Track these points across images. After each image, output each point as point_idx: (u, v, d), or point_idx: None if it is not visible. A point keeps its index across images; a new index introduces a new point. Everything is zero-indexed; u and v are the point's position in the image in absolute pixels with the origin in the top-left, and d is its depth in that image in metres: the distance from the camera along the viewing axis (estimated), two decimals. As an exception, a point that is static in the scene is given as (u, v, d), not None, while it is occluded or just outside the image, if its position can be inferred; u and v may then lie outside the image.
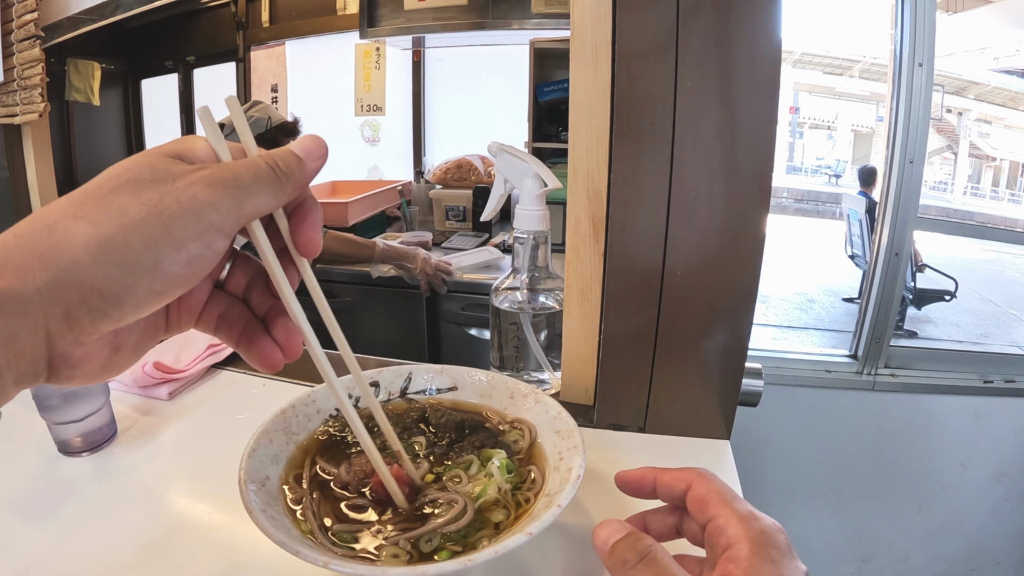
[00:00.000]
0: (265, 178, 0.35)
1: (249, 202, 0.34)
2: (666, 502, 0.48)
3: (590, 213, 0.75)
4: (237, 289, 0.41)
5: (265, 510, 0.47)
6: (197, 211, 0.32)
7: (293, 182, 0.36)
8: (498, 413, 0.63)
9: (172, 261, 0.31)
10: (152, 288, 0.32)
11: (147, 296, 0.32)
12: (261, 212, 0.35)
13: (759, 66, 0.65)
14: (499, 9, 2.38)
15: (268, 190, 0.35)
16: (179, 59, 3.32)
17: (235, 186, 0.33)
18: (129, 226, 0.30)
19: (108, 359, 0.35)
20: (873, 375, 2.19)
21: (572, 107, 0.73)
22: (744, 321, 0.73)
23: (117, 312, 0.31)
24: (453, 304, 2.16)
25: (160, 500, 0.67)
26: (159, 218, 0.31)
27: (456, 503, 0.49)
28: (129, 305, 0.31)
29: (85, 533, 0.61)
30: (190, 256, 0.32)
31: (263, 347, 0.40)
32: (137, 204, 0.31)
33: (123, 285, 0.31)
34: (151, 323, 0.37)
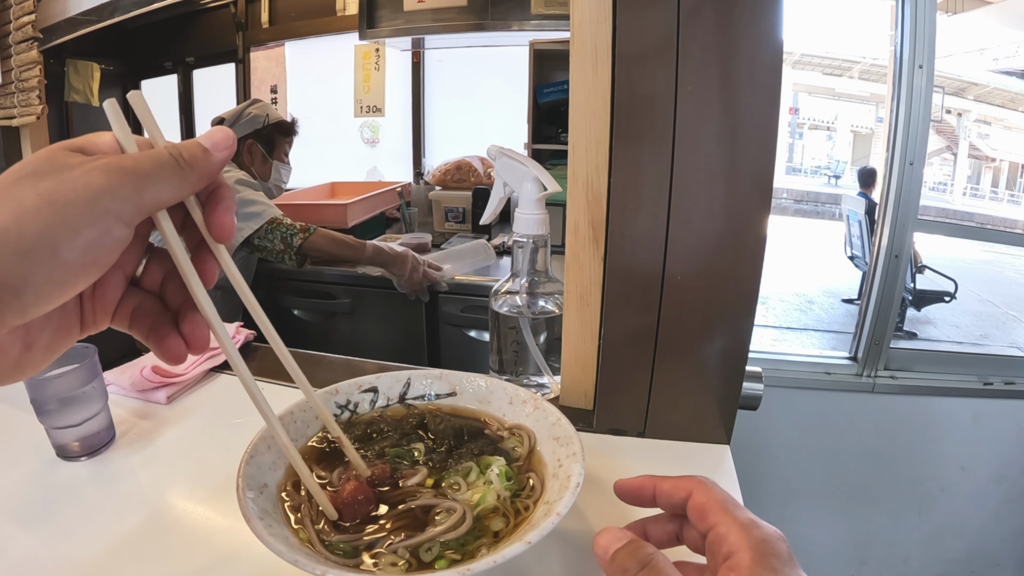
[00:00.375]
0: (167, 167, 0.35)
1: (149, 190, 0.34)
2: (666, 510, 0.47)
3: (590, 217, 0.75)
4: (153, 285, 0.41)
5: (263, 518, 0.47)
6: (92, 197, 0.31)
7: (198, 172, 0.36)
8: (497, 419, 0.63)
9: (69, 247, 0.31)
10: (51, 276, 0.31)
11: (47, 285, 0.31)
12: (164, 201, 0.35)
13: (760, 69, 0.65)
14: (499, 10, 2.38)
15: (170, 179, 0.35)
16: (178, 60, 3.32)
17: (133, 173, 0.33)
18: (24, 215, 0.30)
19: (20, 357, 0.34)
20: (873, 377, 2.19)
21: (572, 110, 0.73)
22: (744, 325, 0.72)
23: (18, 302, 0.31)
24: (452, 306, 2.15)
25: (158, 505, 0.67)
26: (53, 205, 0.30)
27: (455, 511, 0.49)
28: (30, 295, 0.31)
29: (83, 537, 0.61)
30: (87, 242, 0.31)
31: (168, 340, 0.40)
32: (33, 194, 0.31)
33: (20, 274, 0.30)
34: (63, 321, 0.37)
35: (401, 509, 0.51)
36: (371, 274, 2.11)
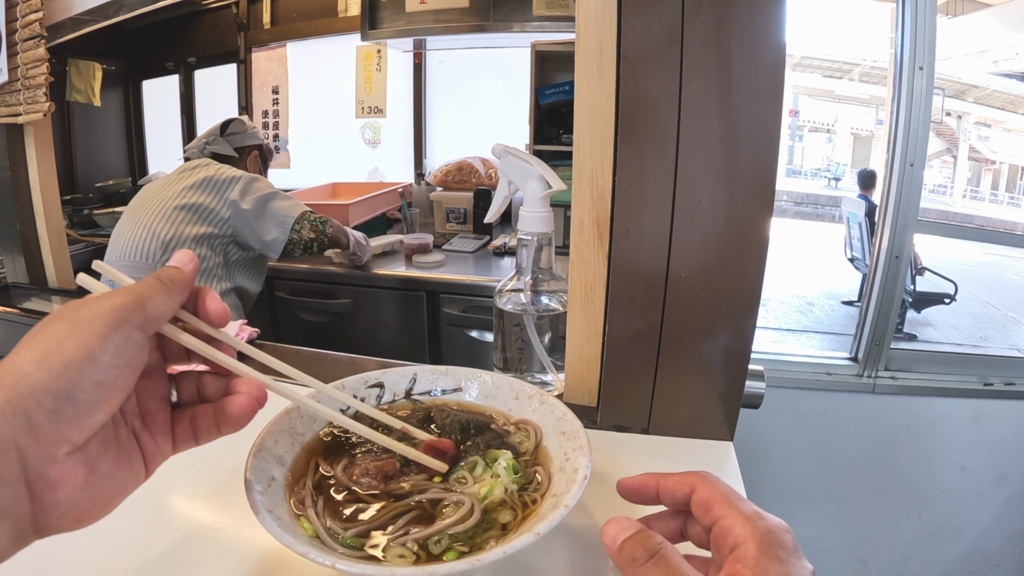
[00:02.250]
0: (156, 287, 0.41)
1: (150, 304, 0.40)
2: (669, 507, 0.48)
3: (594, 215, 0.76)
4: (192, 397, 0.48)
5: (272, 511, 0.47)
6: (108, 311, 0.38)
7: (179, 284, 0.43)
8: (503, 414, 0.63)
9: (102, 351, 0.37)
10: (94, 378, 0.37)
11: (93, 387, 0.37)
12: (163, 312, 0.41)
13: (763, 70, 0.66)
14: (500, 12, 2.39)
15: (160, 293, 0.41)
16: (180, 60, 3.33)
17: (133, 293, 0.40)
18: (60, 338, 0.36)
19: (86, 481, 0.38)
20: (873, 378, 2.19)
21: (577, 110, 0.73)
22: (747, 323, 0.73)
23: (72, 408, 0.36)
24: (453, 306, 2.16)
25: (163, 500, 0.67)
26: (80, 323, 0.37)
27: (463, 504, 0.50)
28: (80, 399, 0.36)
29: (87, 534, 0.61)
30: (116, 346, 0.38)
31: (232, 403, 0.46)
32: (61, 324, 0.37)
33: (69, 379, 0.36)
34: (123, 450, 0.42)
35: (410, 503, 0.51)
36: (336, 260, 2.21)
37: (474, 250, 2.49)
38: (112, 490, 0.41)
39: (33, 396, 0.35)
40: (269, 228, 1.87)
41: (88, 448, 0.38)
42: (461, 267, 2.30)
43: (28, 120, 1.57)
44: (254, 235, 1.87)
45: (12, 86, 1.58)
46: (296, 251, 1.91)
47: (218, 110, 3.31)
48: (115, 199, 3.04)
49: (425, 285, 2.19)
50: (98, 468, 0.39)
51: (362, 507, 0.51)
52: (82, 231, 2.79)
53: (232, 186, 1.85)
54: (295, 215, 1.90)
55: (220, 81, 3.27)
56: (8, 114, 1.60)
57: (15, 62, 1.57)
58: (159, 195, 1.84)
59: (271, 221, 1.87)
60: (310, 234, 1.92)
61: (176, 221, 1.79)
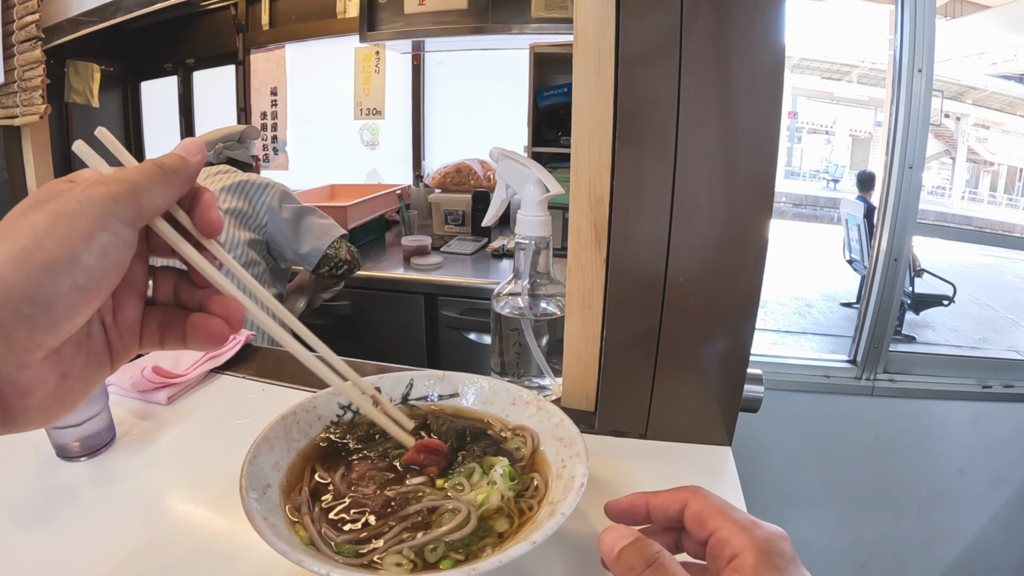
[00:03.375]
0: (155, 175, 0.38)
1: (145, 195, 0.37)
2: (661, 525, 0.47)
3: (592, 219, 0.75)
4: (167, 297, 0.44)
5: (267, 518, 0.47)
6: (98, 204, 0.34)
7: (180, 176, 0.39)
8: (500, 420, 0.63)
9: (87, 252, 0.33)
10: (76, 283, 0.33)
11: (73, 293, 0.33)
12: (158, 205, 0.38)
13: (762, 72, 0.65)
14: (499, 13, 2.38)
15: (160, 185, 0.38)
16: (178, 62, 3.32)
17: (127, 181, 0.36)
18: (40, 233, 0.33)
19: (58, 387, 0.36)
20: (872, 380, 2.19)
21: (575, 113, 0.73)
22: (746, 328, 0.72)
23: (49, 316, 0.33)
24: (452, 309, 2.16)
25: (158, 506, 0.67)
26: (64, 217, 0.33)
27: (460, 511, 0.49)
28: (59, 306, 0.33)
29: (82, 539, 0.61)
30: (102, 246, 0.34)
31: (204, 324, 0.42)
32: (42, 215, 0.33)
33: (48, 286, 0.32)
34: (92, 350, 0.39)
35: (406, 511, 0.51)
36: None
37: (472, 252, 2.49)
38: (79, 390, 0.38)
39: (9, 303, 0.31)
40: (305, 240, 1.87)
41: (62, 351, 0.36)
42: (459, 269, 2.29)
43: (25, 122, 1.57)
44: (288, 245, 1.86)
45: (9, 88, 1.58)
46: (324, 267, 1.91)
47: (217, 111, 3.30)
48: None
49: (423, 287, 2.18)
50: (71, 372, 0.37)
51: (358, 514, 0.51)
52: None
53: (267, 192, 1.84)
54: (336, 235, 1.91)
55: (219, 82, 3.26)
56: (5, 116, 1.60)
57: (11, 64, 1.57)
58: None
59: (308, 234, 1.87)
60: (347, 256, 1.93)
61: (224, 225, 1.76)
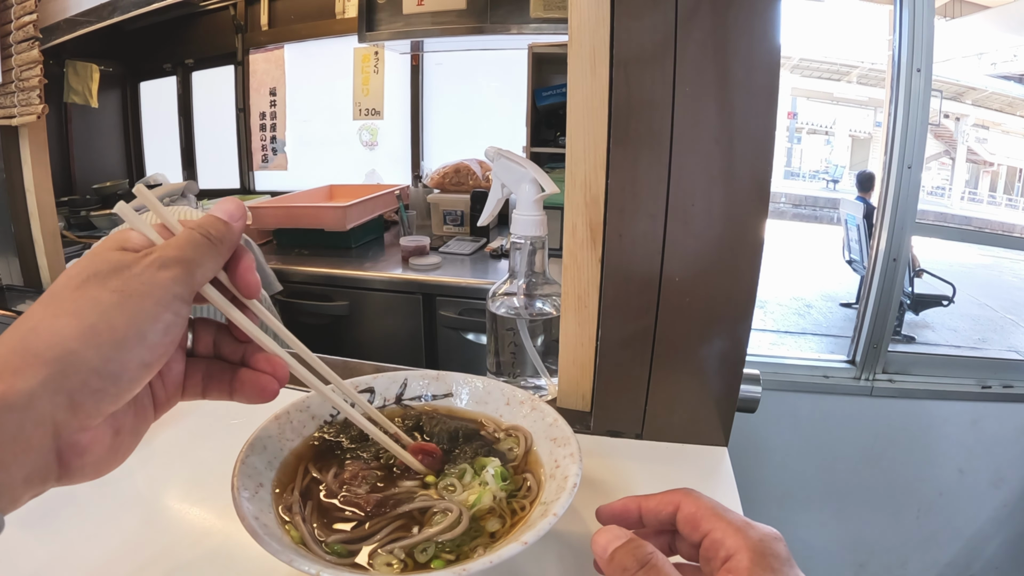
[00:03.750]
0: (204, 247, 0.39)
1: (199, 271, 0.39)
2: (654, 528, 0.47)
3: (587, 219, 0.75)
4: (207, 350, 0.46)
5: (258, 517, 0.46)
6: (161, 288, 0.36)
7: (227, 244, 0.41)
8: (493, 420, 0.63)
9: (153, 332, 0.36)
10: (142, 359, 0.36)
11: (139, 368, 0.36)
12: (208, 276, 0.40)
13: (758, 71, 0.65)
14: (498, 14, 2.38)
15: (209, 256, 0.39)
16: (178, 62, 3.32)
17: (183, 261, 0.38)
18: (108, 311, 0.35)
19: (111, 443, 0.38)
20: (871, 381, 2.18)
21: (570, 112, 0.73)
22: (742, 327, 0.72)
23: (116, 388, 0.35)
24: (450, 309, 2.15)
25: (154, 505, 0.67)
26: (131, 299, 0.35)
27: (451, 511, 0.49)
28: (125, 380, 0.35)
29: (78, 537, 0.61)
30: (166, 325, 0.37)
31: (255, 380, 0.45)
32: (107, 293, 0.35)
33: (118, 362, 0.35)
34: (140, 405, 0.41)
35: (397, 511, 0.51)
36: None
37: (471, 252, 2.49)
38: (129, 443, 0.40)
39: (79, 376, 0.33)
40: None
41: (117, 411, 0.38)
42: (458, 269, 2.29)
43: (22, 122, 1.57)
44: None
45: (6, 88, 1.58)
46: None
47: (216, 112, 3.30)
48: (112, 201, 3.01)
49: (422, 288, 2.18)
50: (123, 428, 0.39)
51: (350, 514, 0.50)
52: (79, 233, 2.78)
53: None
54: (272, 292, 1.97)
55: (218, 83, 3.26)
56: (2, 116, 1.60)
57: (9, 64, 1.57)
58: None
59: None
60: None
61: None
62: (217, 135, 3.34)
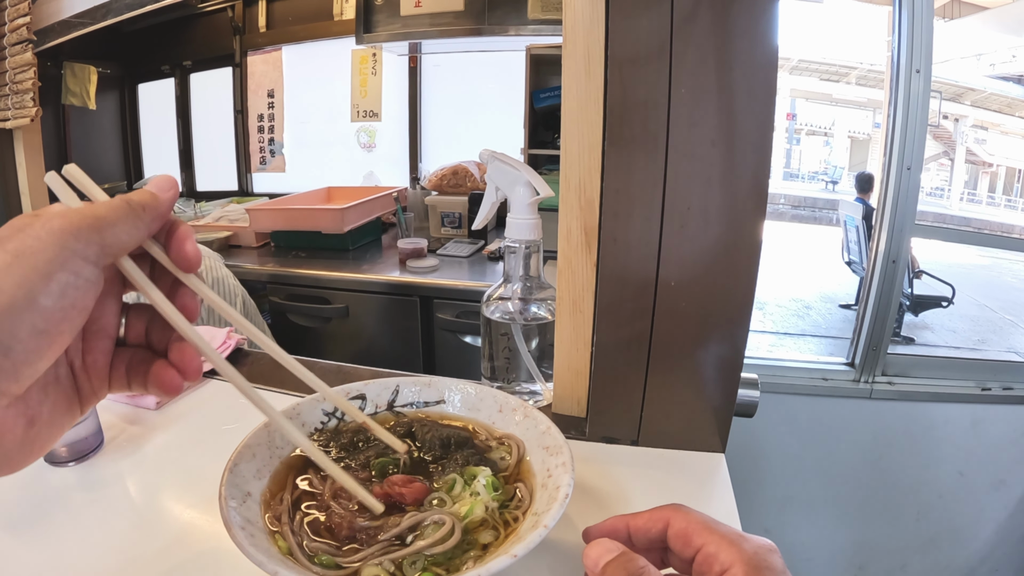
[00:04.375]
0: (121, 210, 0.36)
1: (109, 231, 0.35)
2: (643, 547, 0.45)
3: (582, 222, 0.74)
4: (138, 338, 0.42)
5: (244, 527, 0.46)
6: (57, 242, 0.32)
7: (150, 213, 0.37)
8: (486, 428, 0.62)
9: (45, 293, 0.32)
10: (35, 326, 0.32)
11: (33, 337, 0.32)
12: (124, 242, 0.36)
13: (755, 72, 0.64)
14: (495, 15, 2.38)
15: (126, 221, 0.36)
16: (176, 64, 3.32)
17: (91, 216, 0.34)
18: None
19: (25, 433, 0.35)
20: (870, 383, 2.18)
21: (564, 114, 0.72)
22: (740, 332, 0.71)
23: (8, 362, 0.31)
24: (447, 311, 2.14)
25: (146, 511, 0.66)
26: (22, 257, 0.32)
27: (443, 523, 0.48)
28: (18, 350, 0.32)
29: (70, 544, 0.60)
30: (61, 286, 0.32)
31: (160, 373, 0.40)
32: (2, 255, 0.32)
33: (5, 330, 0.31)
34: (59, 395, 0.38)
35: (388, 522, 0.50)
36: None
37: (469, 255, 2.48)
38: (48, 435, 0.37)
39: None
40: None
41: (28, 396, 0.35)
42: (456, 272, 2.28)
43: (16, 125, 1.57)
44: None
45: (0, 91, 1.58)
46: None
47: (214, 114, 3.30)
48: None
49: (419, 290, 2.17)
50: (38, 418, 0.36)
51: (339, 525, 0.50)
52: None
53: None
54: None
55: (216, 84, 3.26)
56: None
57: (3, 67, 1.56)
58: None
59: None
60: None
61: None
62: (215, 137, 3.33)
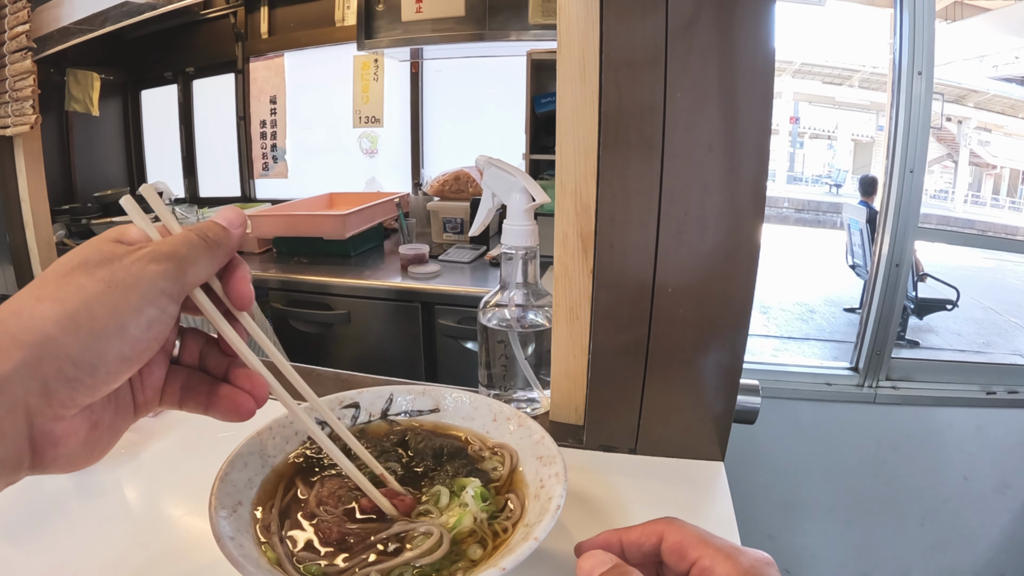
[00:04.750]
0: (199, 248, 0.39)
1: (190, 270, 0.38)
2: (637, 562, 0.45)
3: (578, 228, 0.74)
4: (192, 360, 0.45)
5: (234, 537, 0.46)
6: (148, 280, 0.35)
7: (223, 249, 0.41)
8: (480, 437, 0.61)
9: (135, 325, 0.35)
10: (121, 352, 0.35)
11: (117, 361, 0.35)
12: (201, 278, 0.40)
13: (752, 75, 0.64)
14: (496, 20, 2.38)
15: (204, 258, 0.39)
16: (178, 70, 3.34)
17: (175, 257, 0.37)
18: (91, 299, 0.34)
19: (88, 436, 0.37)
20: (874, 388, 2.17)
21: (559, 119, 0.72)
22: (738, 338, 0.71)
23: (91, 379, 0.34)
24: (448, 317, 2.14)
25: (142, 519, 0.66)
26: (116, 289, 0.34)
27: (432, 534, 0.47)
28: (102, 371, 0.34)
29: (66, 551, 0.60)
30: (149, 320, 0.35)
31: (232, 397, 0.44)
32: (93, 281, 0.34)
33: (95, 351, 0.34)
34: (120, 402, 0.40)
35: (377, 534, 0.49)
36: None
37: (471, 260, 2.48)
38: (108, 439, 0.39)
39: (55, 362, 0.33)
40: None
41: (94, 404, 0.37)
42: (457, 278, 2.28)
43: (16, 132, 1.57)
44: None
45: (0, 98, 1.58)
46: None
47: (216, 120, 3.31)
48: (113, 209, 3.02)
49: (420, 296, 2.17)
50: (101, 423, 0.38)
51: (327, 535, 0.49)
52: (80, 241, 2.77)
53: None
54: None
55: (218, 91, 3.27)
56: (-4, 126, 1.59)
57: (2, 75, 1.56)
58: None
59: None
60: None
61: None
62: (218, 143, 3.34)
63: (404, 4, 2.45)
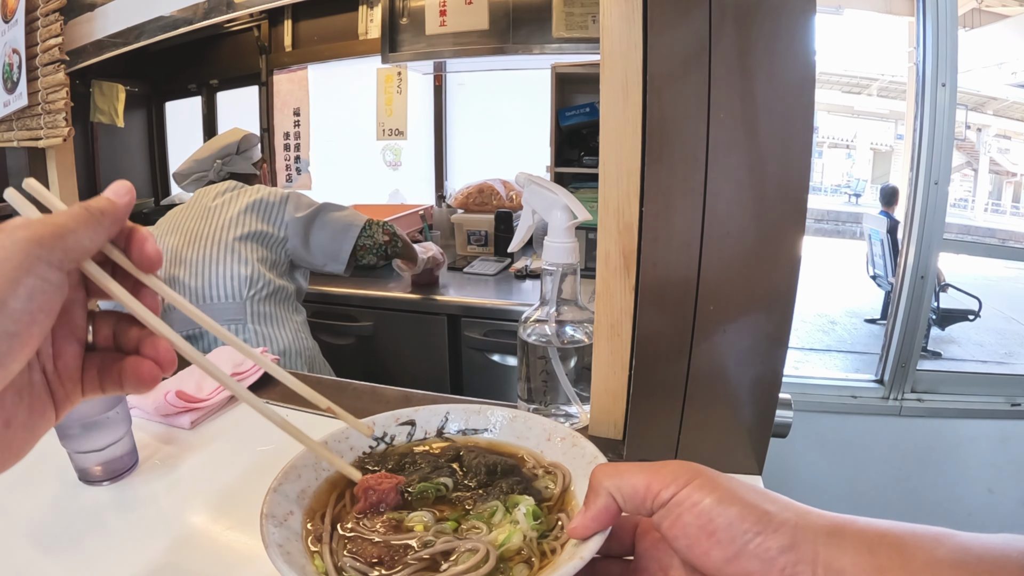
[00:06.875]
0: (80, 217, 0.37)
1: (71, 237, 0.36)
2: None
3: (620, 246, 0.75)
4: (107, 342, 0.44)
5: (283, 545, 0.46)
6: (22, 249, 0.34)
7: (108, 217, 0.39)
8: (534, 456, 0.61)
9: (13, 297, 0.33)
10: (5, 328, 0.33)
11: (3, 339, 0.33)
12: (86, 247, 0.38)
13: (792, 93, 0.65)
14: (520, 34, 2.39)
15: (86, 226, 0.37)
16: (202, 82, 3.37)
17: (53, 224, 0.36)
18: None
19: (2, 435, 0.36)
20: (899, 400, 2.16)
21: (603, 138, 0.73)
22: (778, 355, 0.71)
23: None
24: (475, 330, 2.15)
25: (180, 531, 0.67)
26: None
27: (478, 550, 0.48)
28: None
29: (104, 563, 0.61)
30: (28, 289, 0.34)
31: (136, 367, 0.42)
32: None
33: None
34: (35, 399, 0.39)
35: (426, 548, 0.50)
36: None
37: (496, 273, 2.48)
38: (24, 439, 0.39)
39: None
40: (331, 239, 1.76)
41: (3, 400, 0.36)
42: (482, 290, 2.29)
43: (48, 144, 1.59)
44: (314, 250, 1.77)
45: (33, 110, 1.60)
46: (367, 257, 1.81)
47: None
48: (138, 219, 3.04)
49: (446, 308, 2.18)
50: (14, 420, 0.37)
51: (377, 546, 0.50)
52: (105, 252, 2.80)
53: (284, 206, 1.75)
54: (360, 223, 1.80)
55: (242, 103, 3.29)
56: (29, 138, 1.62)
57: (35, 87, 1.59)
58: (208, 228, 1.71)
59: (330, 231, 1.77)
60: (383, 237, 1.82)
61: (244, 253, 1.67)
62: (241, 155, 3.36)
63: (428, 18, 2.47)
